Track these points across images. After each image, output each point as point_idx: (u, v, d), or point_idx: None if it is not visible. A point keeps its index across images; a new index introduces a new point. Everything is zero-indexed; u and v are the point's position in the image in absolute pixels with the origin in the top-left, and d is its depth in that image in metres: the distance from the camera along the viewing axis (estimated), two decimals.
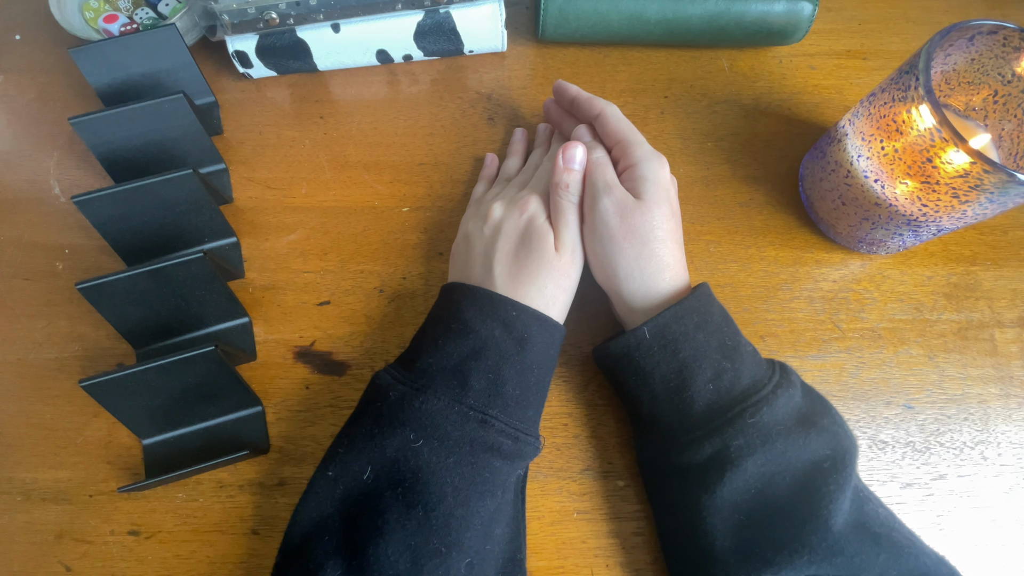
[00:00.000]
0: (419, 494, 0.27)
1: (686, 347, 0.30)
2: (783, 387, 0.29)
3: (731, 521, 0.28)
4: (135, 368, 0.31)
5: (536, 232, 0.33)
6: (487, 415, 0.29)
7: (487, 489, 0.28)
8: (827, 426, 0.29)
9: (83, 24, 0.43)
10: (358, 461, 0.29)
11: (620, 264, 0.32)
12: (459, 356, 0.30)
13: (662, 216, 0.32)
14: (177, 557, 0.33)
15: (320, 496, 0.29)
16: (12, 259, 0.39)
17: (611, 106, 0.36)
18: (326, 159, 0.42)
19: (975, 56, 0.33)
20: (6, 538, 0.33)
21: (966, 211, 0.31)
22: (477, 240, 0.34)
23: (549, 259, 0.32)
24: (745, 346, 0.31)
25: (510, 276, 0.32)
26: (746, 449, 0.28)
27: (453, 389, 0.29)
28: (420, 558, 0.26)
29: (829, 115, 0.44)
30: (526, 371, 0.30)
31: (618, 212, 0.32)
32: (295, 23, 0.41)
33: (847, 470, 0.28)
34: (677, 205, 0.34)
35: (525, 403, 0.30)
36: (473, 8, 0.42)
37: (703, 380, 0.29)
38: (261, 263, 0.39)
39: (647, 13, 0.42)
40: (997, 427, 0.36)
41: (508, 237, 0.33)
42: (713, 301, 0.32)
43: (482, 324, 0.30)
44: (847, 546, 0.26)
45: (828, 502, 0.27)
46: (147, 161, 0.39)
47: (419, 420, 0.29)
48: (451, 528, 0.27)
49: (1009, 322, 0.38)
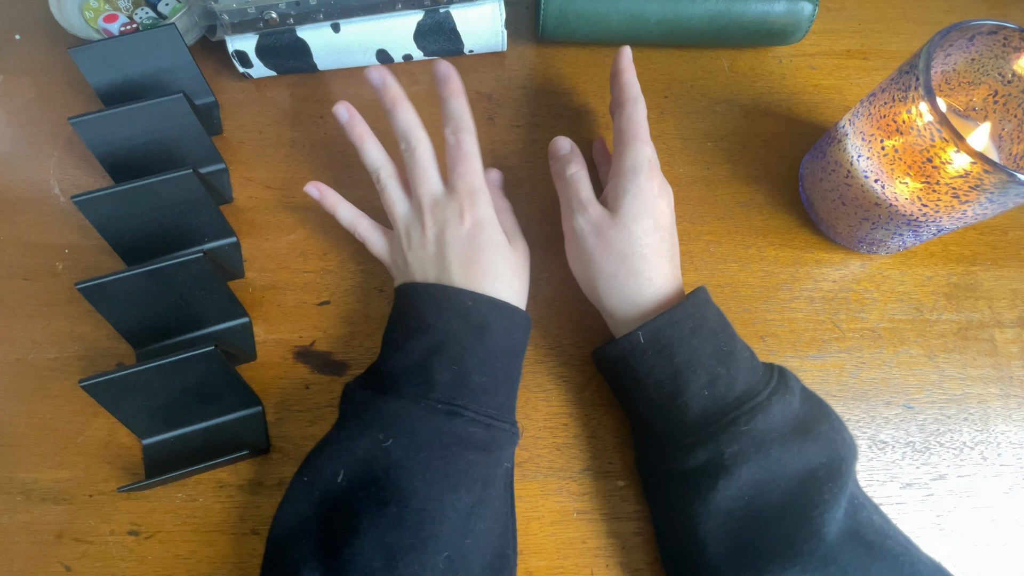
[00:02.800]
0: (391, 491, 0.28)
1: (680, 352, 0.30)
2: (779, 393, 0.29)
3: (724, 528, 0.28)
4: (135, 368, 0.31)
5: (483, 230, 0.33)
6: (454, 405, 0.29)
7: (462, 482, 0.28)
8: (824, 433, 0.29)
9: (83, 24, 0.43)
10: (330, 465, 0.29)
11: (599, 282, 0.33)
12: (420, 353, 0.30)
13: (641, 231, 0.32)
14: (177, 557, 0.33)
15: (296, 501, 0.29)
16: (12, 259, 0.39)
17: (634, 104, 0.34)
18: (326, 159, 0.42)
19: (975, 56, 0.33)
20: (6, 538, 0.33)
21: (966, 211, 0.31)
22: (418, 252, 0.33)
23: (502, 248, 0.33)
24: (741, 352, 0.30)
25: (468, 271, 0.32)
26: (740, 456, 0.28)
27: (418, 386, 0.29)
28: (395, 554, 0.26)
29: (829, 115, 0.44)
30: (490, 359, 0.30)
31: (593, 230, 0.33)
32: (295, 23, 0.41)
33: (842, 478, 0.27)
34: (666, 216, 0.33)
35: (493, 390, 0.30)
36: (473, 8, 0.42)
37: (697, 386, 0.29)
38: (261, 263, 0.39)
39: (647, 13, 0.42)
40: (997, 427, 0.36)
41: (455, 246, 0.32)
42: (709, 306, 0.31)
43: (438, 318, 0.30)
44: (840, 555, 0.26)
45: (822, 511, 0.27)
46: (147, 161, 0.39)
47: (385, 420, 0.29)
48: (424, 522, 0.27)
49: (1009, 322, 0.38)
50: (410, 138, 0.34)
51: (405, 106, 0.35)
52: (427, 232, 0.33)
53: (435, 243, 0.33)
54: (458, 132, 0.34)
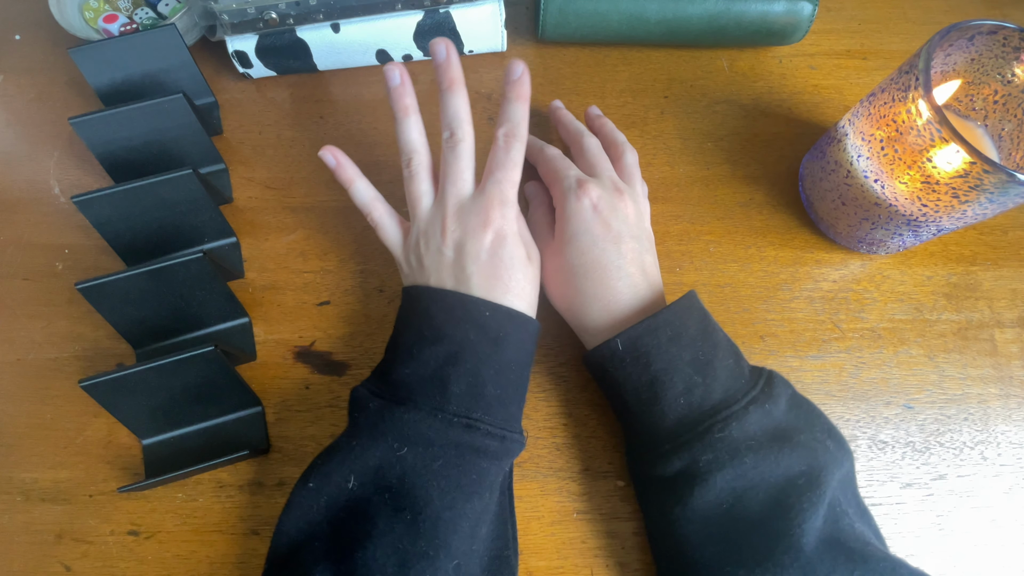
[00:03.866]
0: (406, 498, 0.27)
1: (658, 360, 0.30)
2: (758, 402, 0.29)
3: (703, 534, 0.28)
4: (135, 368, 0.31)
5: (507, 244, 0.31)
6: (471, 419, 0.29)
7: (474, 491, 0.28)
8: (805, 442, 0.29)
9: (83, 24, 0.43)
10: (340, 471, 0.29)
11: (557, 305, 0.34)
12: (436, 363, 0.30)
13: (576, 251, 0.32)
14: (177, 557, 0.33)
15: (303, 506, 0.29)
16: (12, 259, 0.39)
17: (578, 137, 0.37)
18: None
19: (975, 56, 0.33)
20: (6, 538, 0.33)
21: (966, 211, 0.31)
22: (435, 257, 0.32)
23: (523, 262, 0.32)
24: (722, 359, 0.30)
25: (489, 286, 0.31)
26: (714, 464, 0.28)
27: (434, 398, 0.29)
28: (408, 562, 0.26)
29: (829, 115, 0.44)
30: (504, 369, 0.30)
31: (543, 255, 0.34)
32: (295, 23, 0.41)
33: (822, 487, 0.27)
34: (605, 227, 0.32)
35: (507, 401, 0.30)
36: (473, 8, 0.42)
37: (674, 394, 0.29)
38: (261, 263, 0.39)
39: (647, 13, 0.42)
40: (997, 427, 0.36)
41: (478, 257, 0.31)
42: (692, 314, 0.31)
43: (455, 328, 0.30)
44: (820, 565, 0.26)
45: (800, 520, 0.26)
46: (147, 161, 0.39)
47: (402, 431, 0.29)
48: (439, 531, 0.27)
49: (1009, 322, 0.38)
50: (456, 129, 0.32)
51: (461, 92, 0.32)
52: (447, 236, 0.32)
53: (454, 250, 0.31)
54: (511, 138, 0.32)
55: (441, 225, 0.32)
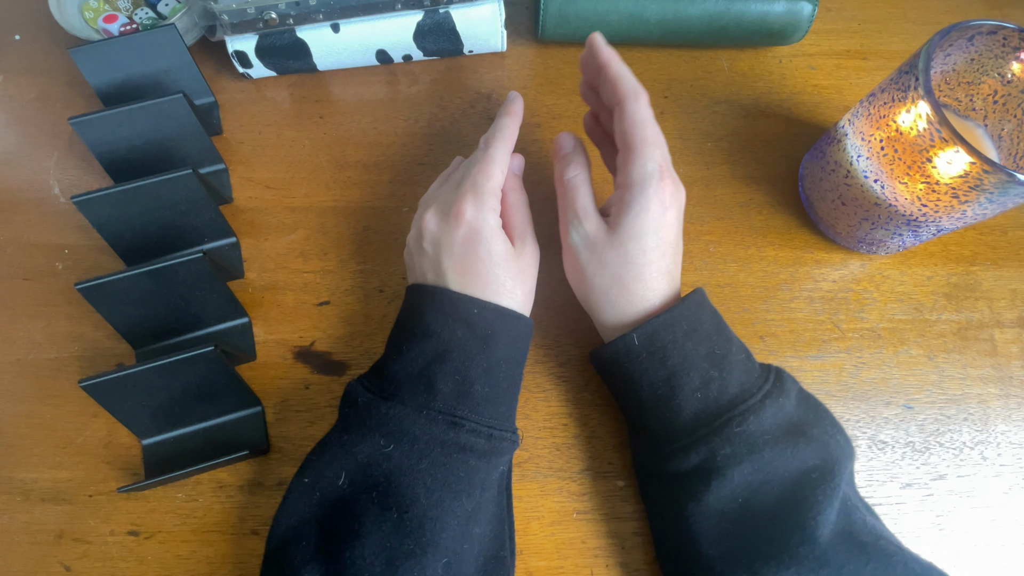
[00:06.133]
0: (392, 497, 0.28)
1: (674, 355, 0.30)
2: (772, 396, 0.29)
3: (718, 529, 0.28)
4: (135, 368, 0.31)
5: (482, 239, 0.31)
6: (456, 416, 0.29)
7: (462, 489, 0.28)
8: (818, 435, 0.29)
9: (83, 24, 0.43)
10: (332, 467, 0.29)
11: (590, 296, 0.32)
12: (423, 361, 0.30)
13: (638, 250, 0.30)
14: (177, 557, 0.33)
15: (297, 502, 0.29)
16: (12, 259, 0.39)
17: (634, 99, 0.31)
18: (326, 159, 0.42)
19: (975, 56, 0.33)
20: (6, 538, 0.33)
21: (966, 211, 0.31)
22: (419, 255, 0.33)
23: (502, 258, 0.31)
24: (736, 354, 0.30)
25: (465, 282, 0.31)
26: (732, 458, 0.28)
27: (420, 395, 0.29)
28: (395, 559, 0.26)
29: (829, 115, 0.44)
30: (493, 368, 0.30)
31: (588, 246, 0.31)
32: (295, 23, 0.41)
33: (835, 480, 0.27)
34: (671, 230, 0.31)
35: (496, 400, 0.30)
36: (473, 8, 0.42)
37: (691, 388, 0.29)
38: (261, 263, 0.39)
39: (647, 13, 0.42)
40: (997, 427, 0.36)
41: (451, 251, 0.31)
42: (704, 309, 0.31)
43: (443, 326, 0.30)
44: (834, 557, 0.26)
45: (815, 513, 0.27)
46: (147, 161, 0.39)
47: (387, 426, 0.29)
48: (425, 529, 0.27)
49: (1009, 322, 0.38)
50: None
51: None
52: (426, 232, 0.32)
53: (432, 245, 0.32)
54: (490, 139, 0.33)
55: (422, 222, 0.32)
